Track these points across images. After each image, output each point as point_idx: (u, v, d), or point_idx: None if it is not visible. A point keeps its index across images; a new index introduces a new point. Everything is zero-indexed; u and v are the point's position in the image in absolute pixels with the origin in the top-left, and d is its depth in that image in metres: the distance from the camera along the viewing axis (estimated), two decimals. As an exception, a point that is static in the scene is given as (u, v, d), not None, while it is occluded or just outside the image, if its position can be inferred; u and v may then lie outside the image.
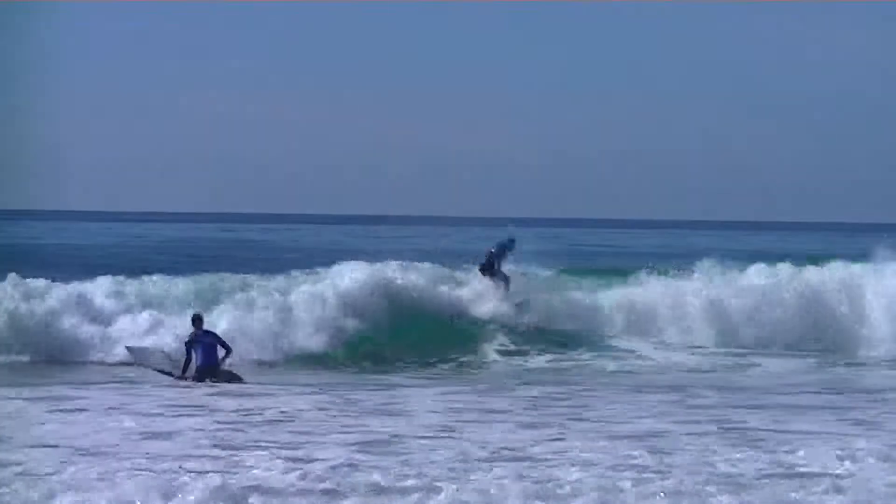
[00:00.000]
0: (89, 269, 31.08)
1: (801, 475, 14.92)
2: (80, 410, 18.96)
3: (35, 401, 19.78)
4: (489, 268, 30.29)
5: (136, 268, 31.70)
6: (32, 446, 15.78)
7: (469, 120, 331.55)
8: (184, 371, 22.77)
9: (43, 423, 17.66)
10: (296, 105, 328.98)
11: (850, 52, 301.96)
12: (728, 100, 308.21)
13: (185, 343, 23.00)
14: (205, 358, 22.69)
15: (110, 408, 19.21)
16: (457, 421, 18.54)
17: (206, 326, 23.40)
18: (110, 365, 25.50)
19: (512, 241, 30.80)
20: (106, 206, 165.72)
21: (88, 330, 26.20)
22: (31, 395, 20.33)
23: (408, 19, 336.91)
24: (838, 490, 14.22)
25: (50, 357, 25.70)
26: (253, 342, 26.43)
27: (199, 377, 22.59)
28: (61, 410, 18.88)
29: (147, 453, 15.46)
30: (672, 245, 79.03)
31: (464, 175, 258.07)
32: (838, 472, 15.14)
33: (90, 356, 25.74)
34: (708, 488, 14.10)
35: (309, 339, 27.20)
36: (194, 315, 23.45)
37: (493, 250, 30.43)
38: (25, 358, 25.79)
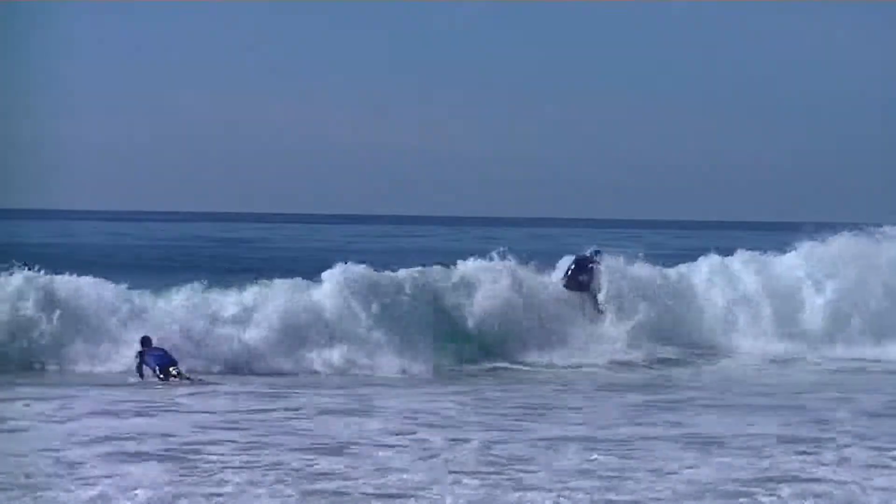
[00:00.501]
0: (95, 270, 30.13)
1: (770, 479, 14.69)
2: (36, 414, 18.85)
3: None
4: (573, 282, 28.83)
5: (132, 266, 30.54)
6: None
7: (467, 120, 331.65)
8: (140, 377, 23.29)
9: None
10: (292, 105, 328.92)
11: (852, 52, 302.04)
12: (728, 100, 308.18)
13: (136, 359, 23.40)
14: (160, 360, 23.09)
15: (68, 409, 19.22)
16: (421, 424, 18.29)
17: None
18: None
19: (597, 251, 29.61)
20: (101, 206, 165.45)
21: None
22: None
23: (406, 19, 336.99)
24: (814, 495, 13.99)
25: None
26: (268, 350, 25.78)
27: (163, 377, 22.92)
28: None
29: (96, 456, 15.36)
30: (668, 245, 78.85)
31: (462, 175, 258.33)
32: (810, 475, 14.93)
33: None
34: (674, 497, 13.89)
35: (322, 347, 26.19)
36: (143, 337, 23.77)
37: (572, 266, 29.05)
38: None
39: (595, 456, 15.89)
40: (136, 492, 13.48)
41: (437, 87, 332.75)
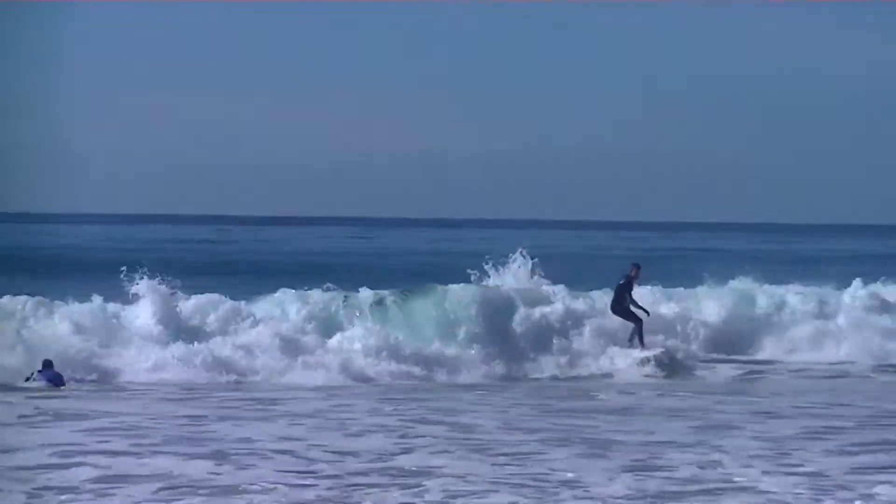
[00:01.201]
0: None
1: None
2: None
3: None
4: (618, 306, 27.67)
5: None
6: None
7: (464, 121, 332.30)
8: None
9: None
10: (293, 105, 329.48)
11: (852, 53, 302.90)
12: (728, 100, 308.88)
13: (30, 372, 23.67)
14: (52, 381, 23.51)
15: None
16: (316, 430, 18.22)
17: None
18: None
19: (637, 266, 28.13)
20: (98, 208, 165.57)
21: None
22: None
23: (404, 20, 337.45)
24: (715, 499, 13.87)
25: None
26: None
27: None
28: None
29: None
30: (665, 247, 78.92)
31: (459, 176, 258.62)
32: (712, 480, 14.84)
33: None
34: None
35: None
36: (46, 360, 23.89)
37: (620, 282, 27.75)
38: None
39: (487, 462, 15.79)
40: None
41: (437, 87, 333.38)
